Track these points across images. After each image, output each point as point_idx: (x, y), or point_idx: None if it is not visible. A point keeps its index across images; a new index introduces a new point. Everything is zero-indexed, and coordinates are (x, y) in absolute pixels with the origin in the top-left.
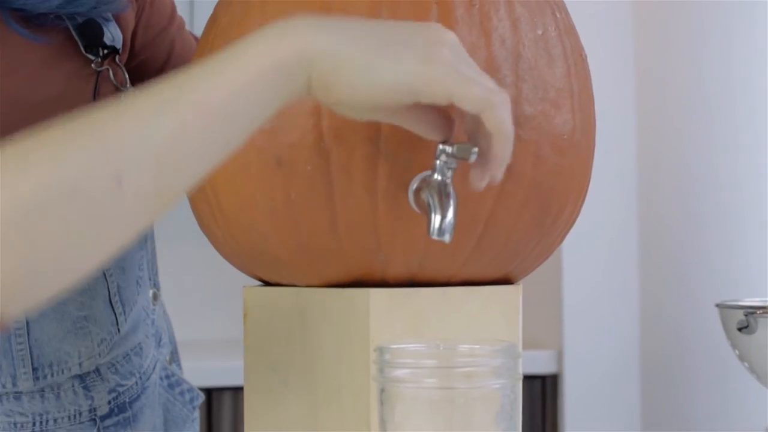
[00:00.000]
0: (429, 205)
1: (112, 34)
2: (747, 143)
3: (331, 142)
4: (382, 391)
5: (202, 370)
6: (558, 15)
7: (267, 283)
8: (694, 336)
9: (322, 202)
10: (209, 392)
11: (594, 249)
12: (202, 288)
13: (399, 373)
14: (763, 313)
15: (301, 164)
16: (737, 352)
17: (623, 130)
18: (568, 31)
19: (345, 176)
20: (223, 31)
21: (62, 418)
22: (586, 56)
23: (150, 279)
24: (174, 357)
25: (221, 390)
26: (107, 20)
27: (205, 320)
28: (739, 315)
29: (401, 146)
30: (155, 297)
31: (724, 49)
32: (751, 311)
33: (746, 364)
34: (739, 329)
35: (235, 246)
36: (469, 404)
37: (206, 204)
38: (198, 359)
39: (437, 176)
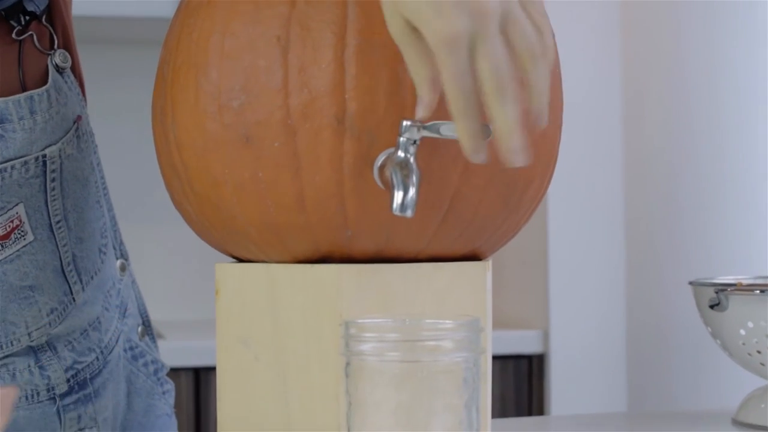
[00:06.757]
0: (392, 181)
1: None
2: (729, 130)
3: (299, 120)
4: (347, 365)
5: (191, 350)
6: None
7: (239, 260)
8: (679, 315)
9: (289, 178)
10: (197, 372)
11: (580, 230)
12: (193, 268)
13: (363, 347)
14: (734, 290)
15: (269, 141)
16: (710, 329)
17: (609, 114)
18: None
19: (312, 153)
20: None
21: (19, 397)
22: (554, 34)
23: (115, 248)
24: (147, 331)
25: (209, 369)
26: None
27: (194, 300)
28: (711, 292)
29: (367, 124)
30: (123, 268)
31: (707, 35)
32: (722, 288)
33: (718, 342)
34: (711, 306)
35: (207, 223)
36: (432, 377)
37: (178, 181)
38: (187, 339)
39: (400, 153)
